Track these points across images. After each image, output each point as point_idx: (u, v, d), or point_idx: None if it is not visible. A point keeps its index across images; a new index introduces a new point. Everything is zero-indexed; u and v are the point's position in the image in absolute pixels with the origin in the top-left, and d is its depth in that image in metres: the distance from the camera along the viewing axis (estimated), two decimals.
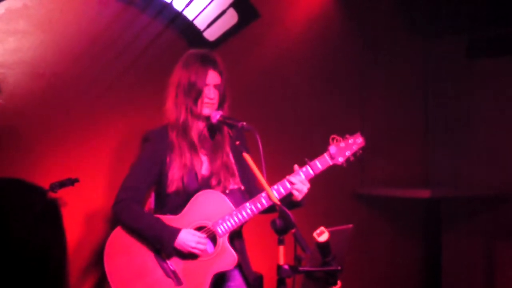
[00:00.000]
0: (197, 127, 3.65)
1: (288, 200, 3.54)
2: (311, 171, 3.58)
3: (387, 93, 5.96)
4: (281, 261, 2.98)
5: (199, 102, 3.61)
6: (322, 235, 2.92)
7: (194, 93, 3.60)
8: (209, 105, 3.62)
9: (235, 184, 3.67)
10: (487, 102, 5.86)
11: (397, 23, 5.96)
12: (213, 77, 3.64)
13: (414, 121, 6.17)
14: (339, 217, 5.36)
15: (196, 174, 3.61)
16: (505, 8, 5.57)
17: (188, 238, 3.51)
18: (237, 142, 3.48)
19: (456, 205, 6.01)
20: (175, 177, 3.59)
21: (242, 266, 3.63)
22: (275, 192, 3.51)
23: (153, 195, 3.84)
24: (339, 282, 3.00)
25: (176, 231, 3.52)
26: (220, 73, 3.67)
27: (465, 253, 6.01)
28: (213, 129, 3.68)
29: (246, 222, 3.57)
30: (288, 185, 3.54)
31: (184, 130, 3.62)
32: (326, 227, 2.94)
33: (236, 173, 3.69)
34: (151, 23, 4.89)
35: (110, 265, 3.59)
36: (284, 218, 3.02)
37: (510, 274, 5.77)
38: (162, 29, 4.93)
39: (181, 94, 3.62)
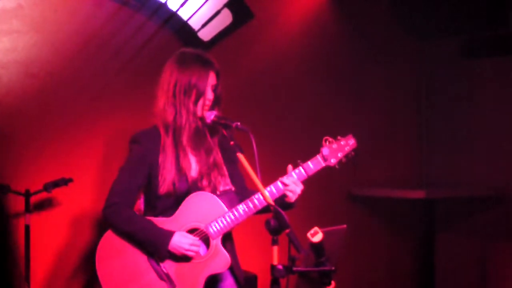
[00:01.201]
0: (192, 128, 3.63)
1: (280, 201, 3.53)
2: (304, 173, 3.58)
3: (383, 94, 5.97)
4: (275, 261, 2.97)
5: (200, 103, 3.59)
6: (316, 236, 2.91)
7: (195, 94, 3.57)
8: (207, 107, 3.61)
9: (226, 185, 3.65)
10: (485, 102, 5.87)
11: (394, 23, 5.97)
12: (211, 78, 3.63)
13: (410, 121, 6.18)
14: (333, 218, 5.34)
15: (186, 175, 3.59)
16: (503, 8, 5.58)
17: (181, 241, 3.49)
18: (232, 142, 3.47)
19: (451, 205, 6.01)
20: (166, 180, 3.55)
21: (232, 266, 3.62)
22: (268, 194, 3.51)
23: (142, 196, 3.80)
24: (333, 283, 3.00)
25: (170, 234, 3.49)
26: (217, 74, 3.66)
27: (460, 254, 6.01)
28: (206, 129, 3.66)
29: (239, 223, 3.56)
30: (281, 186, 3.54)
31: (179, 131, 3.59)
32: (320, 227, 2.94)
33: (226, 173, 3.67)
34: (146, 23, 4.88)
35: (102, 269, 3.56)
36: (278, 218, 3.01)
37: (504, 275, 5.77)
38: (157, 29, 4.93)
39: (179, 94, 3.58)
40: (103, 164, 4.77)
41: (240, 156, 3.34)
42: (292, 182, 3.53)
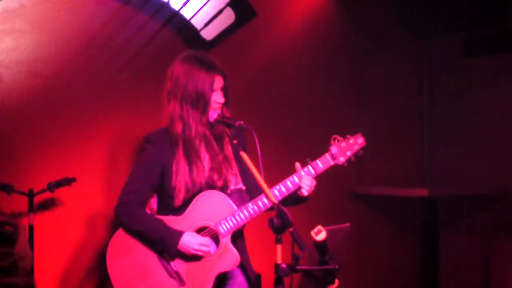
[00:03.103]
0: (204, 134, 3.60)
1: (294, 195, 3.55)
2: (312, 171, 3.57)
3: (385, 92, 5.97)
4: (279, 260, 2.97)
5: (208, 110, 3.57)
6: (320, 234, 2.91)
7: (202, 103, 3.54)
8: (218, 109, 3.59)
9: (237, 184, 3.65)
10: (485, 100, 5.87)
11: (394, 22, 5.96)
12: (218, 81, 3.60)
13: (412, 120, 6.17)
14: (336, 216, 5.36)
15: (200, 177, 3.58)
16: (503, 6, 5.57)
17: (191, 241, 3.49)
18: (234, 141, 3.47)
19: (453, 204, 6.01)
20: (182, 188, 3.55)
21: (244, 264, 3.62)
22: (283, 189, 3.52)
23: (155, 195, 3.80)
24: (336, 281, 3.00)
25: (179, 234, 3.50)
26: (223, 76, 3.63)
27: (463, 252, 6.01)
28: (214, 129, 3.65)
29: (248, 222, 3.56)
30: (297, 180, 3.54)
31: (190, 140, 3.56)
32: (323, 226, 2.94)
33: (238, 173, 3.67)
34: (148, 22, 4.89)
35: (113, 266, 3.57)
36: (281, 217, 3.01)
37: (507, 273, 5.77)
38: (159, 28, 4.93)
39: (186, 106, 3.55)
40: (106, 163, 4.77)
41: (243, 155, 3.34)
42: (306, 174, 3.55)
